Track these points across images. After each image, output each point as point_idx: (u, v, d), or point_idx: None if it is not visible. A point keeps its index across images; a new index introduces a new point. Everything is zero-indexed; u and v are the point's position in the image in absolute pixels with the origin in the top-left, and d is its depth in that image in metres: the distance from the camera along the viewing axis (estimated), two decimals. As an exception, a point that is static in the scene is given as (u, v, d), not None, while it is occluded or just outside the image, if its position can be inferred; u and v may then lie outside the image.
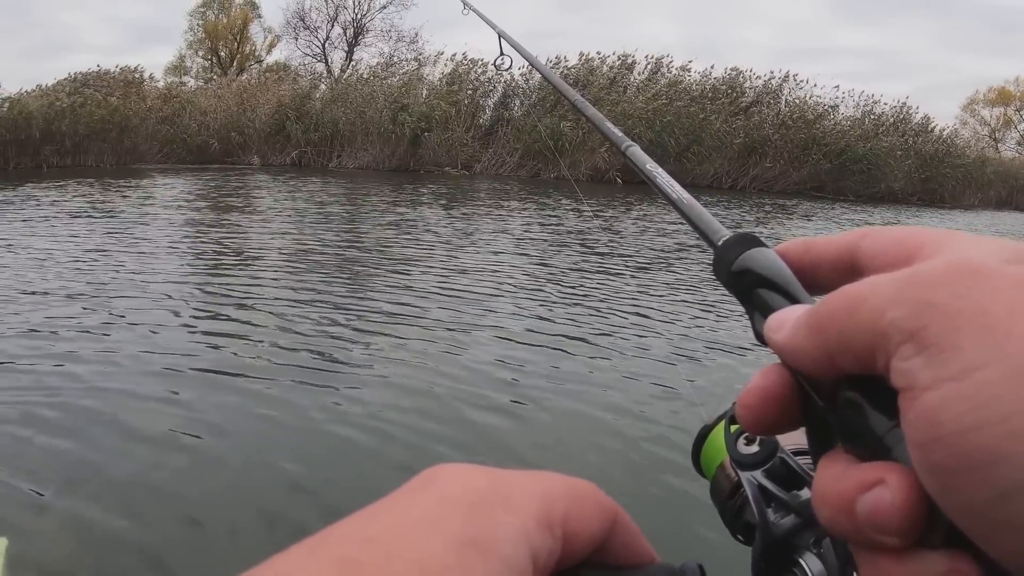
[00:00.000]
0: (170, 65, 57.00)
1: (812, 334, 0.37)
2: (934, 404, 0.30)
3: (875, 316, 0.34)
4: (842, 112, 36.48)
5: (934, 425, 0.30)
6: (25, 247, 10.76)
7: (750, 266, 0.46)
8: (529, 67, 9.90)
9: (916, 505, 0.32)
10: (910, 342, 0.32)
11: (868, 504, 0.33)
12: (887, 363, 0.33)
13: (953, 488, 0.30)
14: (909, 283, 0.34)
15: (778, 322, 0.40)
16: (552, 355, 6.56)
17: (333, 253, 11.53)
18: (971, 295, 0.32)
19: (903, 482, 0.33)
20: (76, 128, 27.73)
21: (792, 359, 0.39)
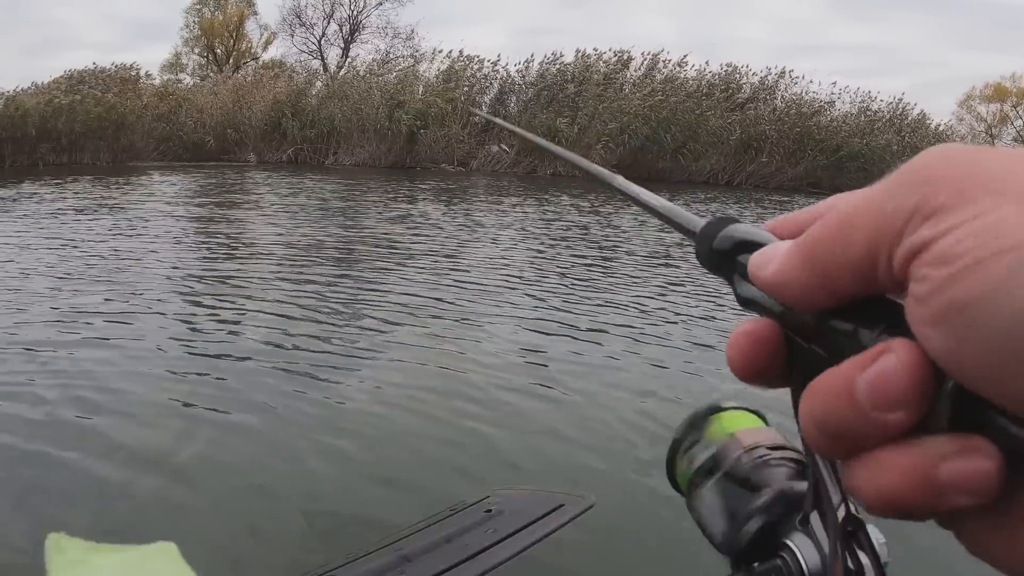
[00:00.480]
0: (166, 62, 56.98)
1: (804, 259, 0.36)
2: (948, 245, 0.30)
3: (873, 215, 0.33)
4: (839, 108, 36.57)
5: (948, 262, 0.29)
6: (23, 244, 10.78)
7: (730, 234, 0.46)
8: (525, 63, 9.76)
9: (923, 368, 0.31)
10: (916, 215, 0.31)
11: (872, 374, 0.32)
12: (890, 255, 0.32)
13: (968, 324, 0.29)
14: (903, 172, 0.33)
15: (764, 258, 0.39)
16: (565, 343, 6.61)
17: (334, 248, 11.55)
18: (969, 162, 0.32)
19: (907, 346, 0.31)
20: (72, 126, 27.73)
21: (782, 292, 0.37)
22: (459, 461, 4.39)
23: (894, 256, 0.32)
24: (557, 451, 4.54)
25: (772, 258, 0.38)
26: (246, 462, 4.32)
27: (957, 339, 0.29)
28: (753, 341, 0.40)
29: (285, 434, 4.69)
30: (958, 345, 0.29)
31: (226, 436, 4.63)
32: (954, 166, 0.32)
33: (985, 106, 67.52)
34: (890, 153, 34.64)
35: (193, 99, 33.77)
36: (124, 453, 4.29)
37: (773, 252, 0.38)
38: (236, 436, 4.65)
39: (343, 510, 3.80)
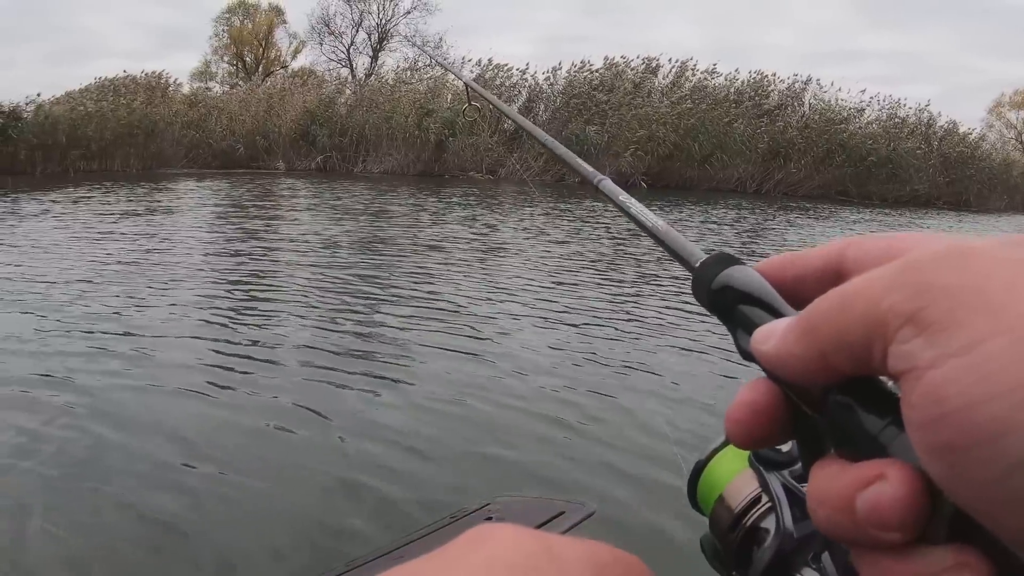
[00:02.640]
0: (195, 70, 57.45)
1: (804, 337, 0.36)
2: (938, 381, 0.30)
3: (871, 306, 0.33)
4: (866, 116, 36.34)
5: (939, 402, 0.30)
6: (55, 251, 10.88)
7: (729, 283, 0.46)
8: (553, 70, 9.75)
9: (917, 498, 0.32)
10: (909, 324, 0.32)
11: (868, 500, 0.33)
12: (884, 352, 0.33)
13: (961, 467, 0.29)
14: (904, 269, 0.33)
15: (766, 333, 0.39)
16: (573, 354, 6.56)
17: (359, 257, 11.58)
18: (968, 274, 0.31)
19: (903, 475, 0.32)
20: (102, 133, 28.00)
21: (782, 367, 0.38)
22: (461, 468, 4.37)
23: (887, 356, 0.33)
24: (558, 459, 4.51)
25: (773, 333, 0.39)
26: (249, 466, 4.32)
27: (950, 475, 0.30)
28: (752, 414, 0.40)
29: (286, 439, 4.70)
30: (951, 481, 0.30)
31: (231, 440, 4.65)
32: (953, 276, 0.32)
33: (1015, 112, 66.98)
34: (916, 158, 34.42)
35: (223, 107, 33.98)
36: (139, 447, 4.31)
37: (774, 327, 0.39)
38: (242, 440, 4.66)
39: (344, 516, 3.78)
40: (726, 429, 0.41)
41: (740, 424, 0.40)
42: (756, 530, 0.62)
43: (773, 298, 0.44)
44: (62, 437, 4.52)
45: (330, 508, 3.85)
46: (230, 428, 4.81)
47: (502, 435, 4.83)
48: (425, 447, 4.60)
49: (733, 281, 0.46)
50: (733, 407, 0.41)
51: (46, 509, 3.70)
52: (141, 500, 3.85)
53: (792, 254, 0.45)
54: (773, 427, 0.40)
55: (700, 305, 0.49)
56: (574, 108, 33.56)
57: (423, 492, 3.99)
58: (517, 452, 4.59)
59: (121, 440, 4.52)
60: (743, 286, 0.45)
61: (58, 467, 4.15)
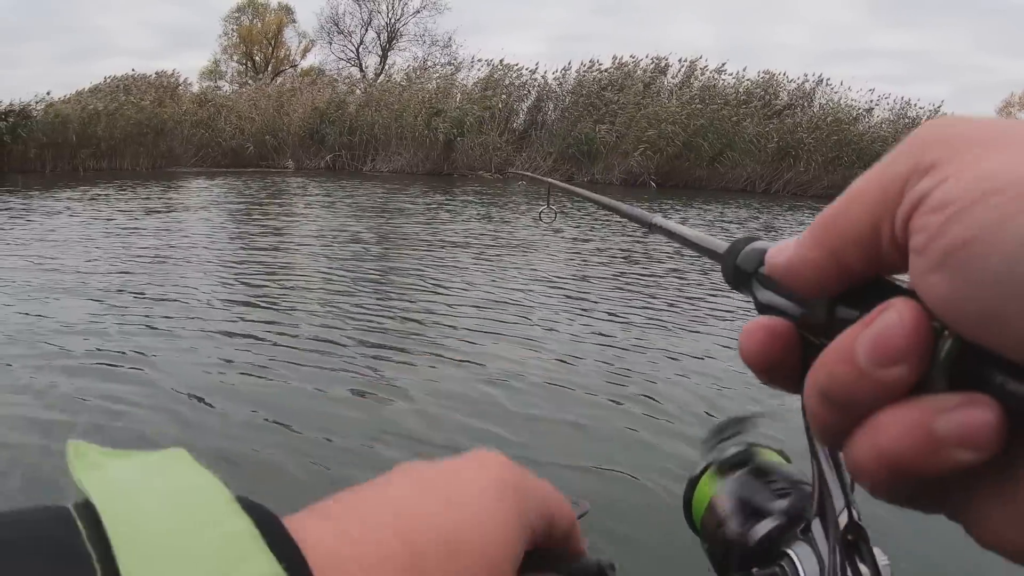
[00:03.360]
0: (205, 69, 57.66)
1: (816, 241, 0.36)
2: (942, 193, 0.30)
3: (875, 184, 0.34)
4: (876, 116, 36.25)
5: (943, 209, 0.30)
6: (65, 248, 10.93)
7: (751, 250, 0.48)
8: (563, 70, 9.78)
9: (923, 322, 0.31)
10: (913, 174, 0.32)
11: (872, 332, 0.32)
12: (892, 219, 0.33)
13: (965, 266, 0.29)
14: (898, 146, 0.34)
15: (779, 248, 0.40)
16: (573, 353, 6.57)
17: (369, 256, 11.61)
18: (962, 124, 0.32)
19: (907, 302, 0.32)
20: (112, 132, 28.13)
21: (796, 277, 0.38)
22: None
23: (896, 218, 0.33)
24: (553, 457, 4.52)
25: (787, 247, 0.39)
26: (253, 460, 4.35)
27: (954, 284, 0.29)
28: (769, 334, 0.40)
29: (294, 430, 4.73)
30: (955, 290, 0.30)
31: (236, 433, 4.68)
32: (947, 129, 0.32)
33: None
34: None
35: (232, 106, 34.05)
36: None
37: (788, 242, 0.39)
38: (246, 433, 4.69)
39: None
40: (741, 347, 0.41)
41: (755, 340, 0.40)
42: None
43: None
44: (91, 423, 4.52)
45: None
46: (238, 422, 4.84)
47: (496, 433, 4.85)
48: (426, 442, 4.64)
49: (754, 249, 0.47)
50: (749, 325, 0.41)
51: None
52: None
53: None
54: (786, 355, 0.40)
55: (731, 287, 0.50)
56: (583, 107, 33.52)
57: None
58: (512, 451, 4.59)
59: (128, 431, 4.53)
60: (762, 248, 0.47)
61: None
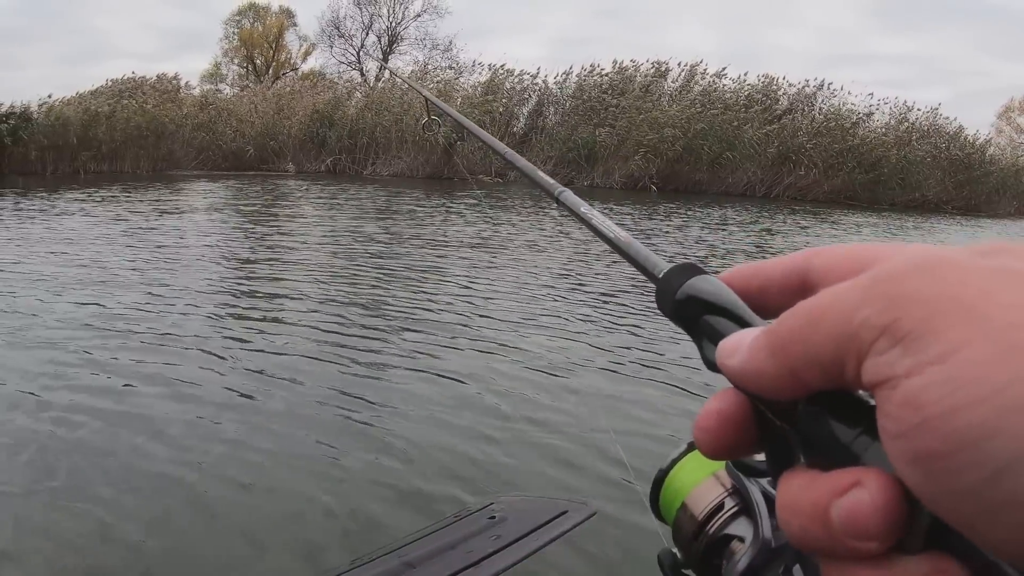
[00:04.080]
0: (206, 72, 57.69)
1: (772, 354, 0.35)
2: (917, 389, 0.29)
3: (843, 321, 0.32)
4: (876, 120, 36.27)
5: (918, 409, 0.29)
6: (64, 250, 10.94)
7: (693, 294, 0.44)
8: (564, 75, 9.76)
9: (895, 505, 0.31)
10: (884, 336, 0.31)
11: (844, 508, 0.32)
12: (857, 367, 0.32)
13: (941, 475, 0.29)
14: (875, 280, 0.33)
15: (731, 347, 0.39)
16: (576, 356, 6.58)
17: (367, 259, 11.60)
18: (942, 282, 0.31)
19: (880, 481, 0.31)
20: (113, 134, 28.18)
21: (750, 383, 0.37)
22: (464, 468, 4.38)
23: (862, 370, 0.32)
24: (560, 459, 4.52)
25: (739, 347, 0.38)
26: (252, 466, 4.33)
27: (929, 483, 0.29)
28: (721, 423, 0.39)
29: (290, 440, 4.71)
30: (930, 489, 0.30)
31: (234, 438, 4.66)
32: (929, 287, 0.31)
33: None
34: (927, 165, 34.36)
35: (233, 109, 34.11)
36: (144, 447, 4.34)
37: (741, 341, 0.38)
38: (245, 438, 4.67)
39: (348, 515, 3.81)
40: (694, 437, 0.40)
41: (708, 432, 0.40)
42: (723, 539, 0.63)
43: (739, 307, 0.43)
44: (73, 434, 4.56)
45: (332, 509, 3.86)
46: (233, 428, 4.83)
47: (504, 436, 4.84)
48: (428, 447, 4.61)
49: (697, 291, 0.44)
50: (701, 415, 0.40)
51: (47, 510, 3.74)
52: (133, 506, 3.88)
53: (756, 263, 0.44)
54: (742, 436, 0.39)
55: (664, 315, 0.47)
56: (584, 111, 33.58)
57: (425, 491, 4.01)
58: (520, 453, 4.61)
59: (122, 439, 4.54)
60: (707, 296, 0.44)
61: (68, 468, 4.18)
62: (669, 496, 0.69)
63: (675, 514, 0.68)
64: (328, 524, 3.68)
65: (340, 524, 3.70)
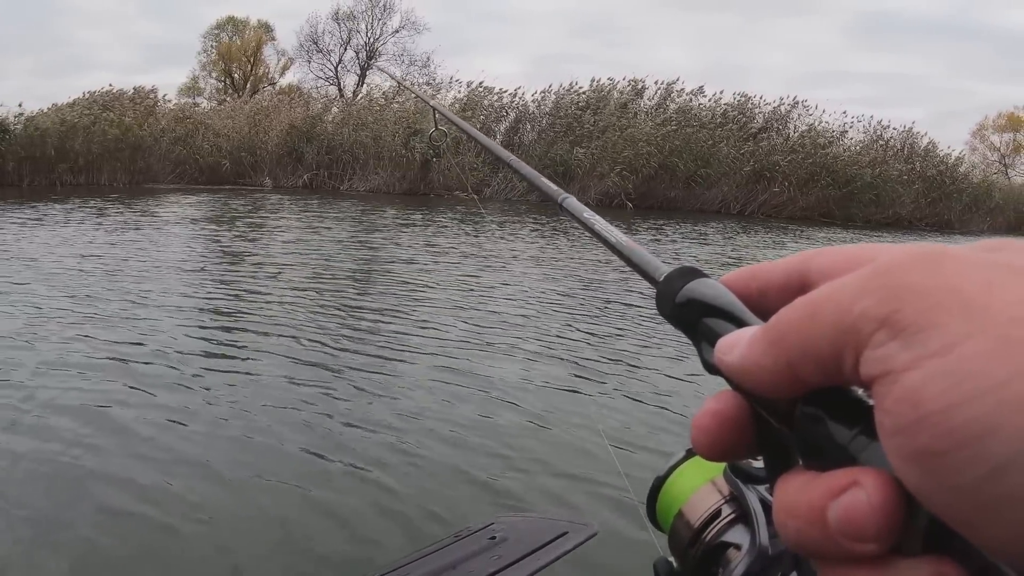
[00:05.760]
0: (184, 86, 57.54)
1: (770, 348, 0.35)
2: (916, 383, 0.29)
3: (841, 313, 0.32)
4: (851, 137, 36.63)
5: (917, 405, 0.29)
6: (38, 263, 10.88)
7: (693, 296, 0.44)
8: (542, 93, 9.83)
9: (894, 505, 0.31)
10: (883, 328, 0.31)
11: (841, 508, 0.31)
12: (856, 359, 0.32)
13: (940, 472, 0.28)
14: (875, 273, 0.32)
15: (729, 344, 0.38)
16: (572, 373, 6.64)
17: (347, 276, 11.61)
18: (943, 275, 0.31)
19: (878, 481, 0.31)
20: (90, 147, 28.05)
21: (748, 379, 0.37)
22: (464, 487, 4.40)
23: (860, 363, 0.31)
24: (561, 478, 4.55)
25: (737, 344, 0.38)
26: (249, 485, 4.33)
27: (928, 482, 0.29)
28: (719, 423, 0.39)
29: (287, 457, 4.71)
30: (929, 487, 0.29)
31: (230, 457, 4.66)
32: (928, 279, 0.31)
33: (998, 136, 67.55)
34: (901, 184, 34.69)
35: (210, 123, 34.00)
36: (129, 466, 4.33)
37: (739, 338, 0.38)
38: (239, 457, 4.67)
39: (346, 536, 3.80)
40: (692, 438, 0.40)
41: (706, 433, 0.39)
42: (719, 546, 0.63)
43: (738, 309, 0.42)
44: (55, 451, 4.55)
45: (328, 530, 3.87)
46: (222, 446, 4.83)
47: (504, 455, 4.87)
48: (427, 468, 4.63)
49: (697, 294, 0.44)
50: (699, 415, 0.40)
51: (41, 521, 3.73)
52: (122, 516, 3.88)
53: (756, 266, 0.44)
54: (739, 438, 0.39)
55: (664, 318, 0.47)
56: (560, 128, 33.70)
57: (425, 511, 4.03)
58: (520, 473, 4.63)
59: (102, 459, 4.53)
60: (707, 298, 0.44)
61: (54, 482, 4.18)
62: (666, 503, 0.69)
63: (672, 521, 0.68)
64: (325, 545, 3.69)
65: (337, 545, 3.71)
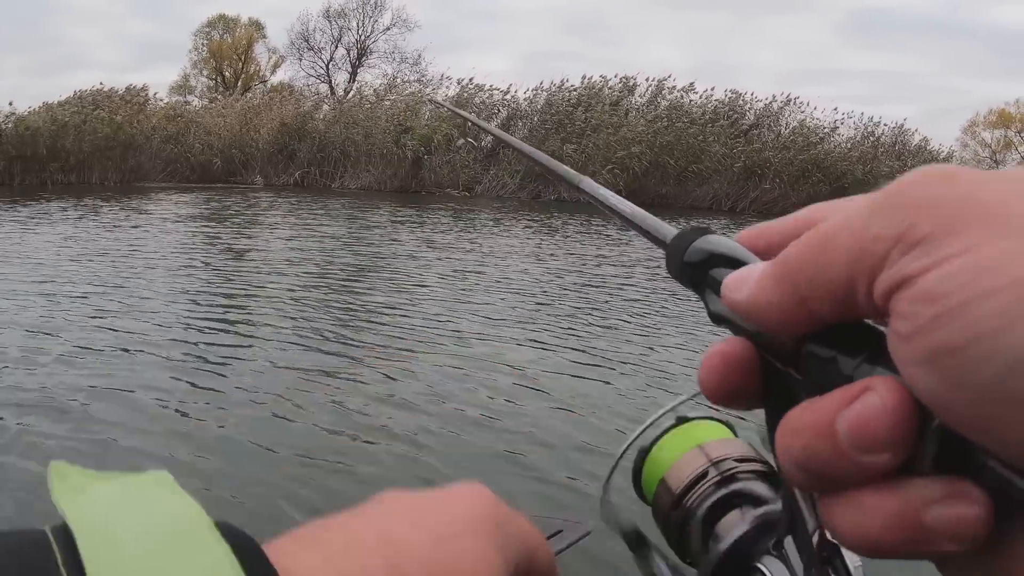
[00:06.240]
0: (175, 84, 57.43)
1: (780, 282, 0.34)
2: (933, 282, 0.28)
3: (853, 239, 0.31)
4: (842, 134, 36.72)
5: (935, 301, 0.28)
6: (28, 263, 10.91)
7: (702, 247, 0.44)
8: (534, 91, 9.90)
9: (908, 409, 0.29)
10: (898, 245, 0.30)
11: (853, 414, 0.30)
12: (869, 287, 0.31)
13: (957, 369, 0.27)
14: (886, 193, 0.32)
15: (738, 280, 0.37)
16: (566, 369, 6.70)
17: (338, 272, 11.65)
18: (959, 186, 0.30)
19: (890, 384, 0.30)
20: (81, 146, 28.00)
21: (757, 316, 0.36)
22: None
23: (875, 285, 0.31)
24: (555, 477, 4.60)
25: (746, 280, 0.36)
26: (246, 478, 4.38)
27: (944, 383, 0.28)
28: (726, 363, 0.38)
29: (281, 453, 4.75)
30: (945, 389, 0.28)
31: (223, 451, 4.72)
32: (944, 191, 0.30)
33: (989, 132, 67.65)
34: (893, 179, 34.81)
35: (201, 121, 33.96)
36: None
37: (748, 274, 0.37)
38: (235, 451, 4.72)
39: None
40: (700, 378, 0.39)
41: (713, 371, 0.38)
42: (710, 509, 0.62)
43: (745, 255, 0.41)
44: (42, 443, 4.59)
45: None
46: (209, 438, 4.90)
47: (497, 452, 4.93)
48: (418, 466, 4.69)
49: (705, 245, 0.44)
50: (708, 355, 0.39)
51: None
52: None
53: (763, 224, 0.43)
54: (746, 382, 0.38)
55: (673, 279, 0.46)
56: (552, 126, 33.70)
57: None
58: (514, 471, 4.69)
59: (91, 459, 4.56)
60: (715, 248, 0.43)
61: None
62: (650, 472, 0.69)
63: (655, 489, 0.68)
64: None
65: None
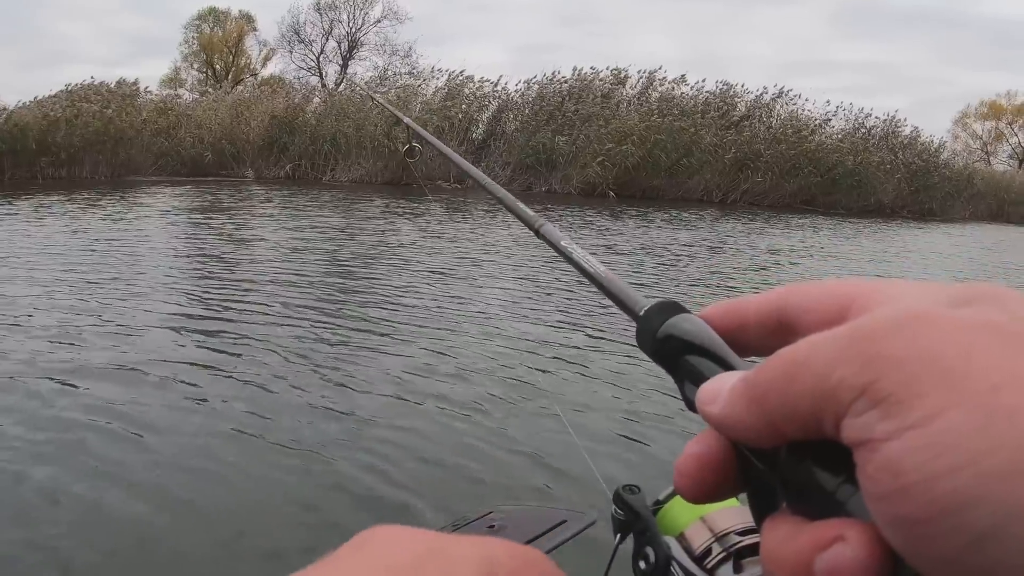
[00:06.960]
0: (165, 77, 57.29)
1: (751, 405, 0.36)
2: (896, 454, 0.29)
3: (820, 378, 0.32)
4: (833, 126, 36.75)
5: (898, 475, 0.29)
6: (18, 257, 10.84)
7: (674, 333, 0.44)
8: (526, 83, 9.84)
9: (879, 562, 0.31)
10: (862, 397, 0.31)
11: (828, 563, 0.31)
12: (837, 424, 0.32)
13: (923, 538, 0.29)
14: (852, 339, 0.32)
15: (711, 393, 0.38)
16: (567, 361, 6.70)
17: (331, 266, 11.63)
18: (920, 342, 0.31)
19: (863, 537, 0.31)
20: (71, 140, 27.89)
21: (730, 431, 0.37)
22: (461, 477, 4.44)
23: (840, 427, 0.32)
24: (558, 467, 4.58)
25: (719, 393, 0.38)
26: (242, 473, 4.36)
27: (911, 547, 0.30)
28: (702, 466, 0.39)
29: (283, 448, 4.73)
30: (914, 552, 0.30)
31: (221, 448, 4.68)
32: (904, 345, 0.31)
33: (980, 124, 67.90)
34: (883, 171, 34.85)
35: (192, 114, 33.88)
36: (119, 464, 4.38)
37: (720, 386, 0.38)
38: (232, 447, 4.70)
39: (343, 525, 3.79)
40: (675, 483, 0.40)
41: (688, 478, 0.39)
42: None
43: (719, 347, 0.42)
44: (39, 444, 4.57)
45: (326, 519, 3.91)
46: (209, 437, 4.85)
47: (501, 444, 4.91)
48: (423, 457, 4.66)
49: (678, 330, 0.44)
50: (681, 460, 0.40)
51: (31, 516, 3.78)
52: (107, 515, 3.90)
53: (734, 300, 0.44)
54: (723, 481, 0.39)
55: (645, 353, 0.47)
56: (543, 117, 33.68)
57: (422, 501, 4.08)
58: (518, 462, 4.67)
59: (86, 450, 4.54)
60: (688, 335, 0.43)
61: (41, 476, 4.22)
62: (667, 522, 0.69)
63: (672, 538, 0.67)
64: (320, 535, 3.71)
65: (333, 535, 3.72)
